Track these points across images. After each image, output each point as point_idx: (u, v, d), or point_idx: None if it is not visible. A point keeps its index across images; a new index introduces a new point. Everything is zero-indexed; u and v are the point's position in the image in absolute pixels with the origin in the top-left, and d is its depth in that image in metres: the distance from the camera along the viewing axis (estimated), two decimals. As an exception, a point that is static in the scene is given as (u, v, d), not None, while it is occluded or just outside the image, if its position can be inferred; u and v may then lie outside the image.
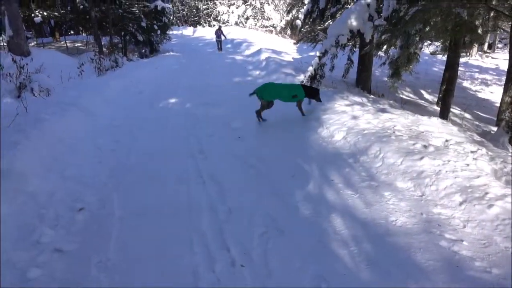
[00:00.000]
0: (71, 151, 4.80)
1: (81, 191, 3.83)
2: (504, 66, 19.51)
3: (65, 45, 17.01)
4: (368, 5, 7.79)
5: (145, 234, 3.10)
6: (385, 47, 6.26)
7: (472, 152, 4.21)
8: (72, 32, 24.12)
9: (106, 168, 4.48)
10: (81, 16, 16.42)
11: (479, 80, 14.66)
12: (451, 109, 9.35)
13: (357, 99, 7.60)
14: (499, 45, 27.51)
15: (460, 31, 6.11)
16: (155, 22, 18.15)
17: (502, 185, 3.35)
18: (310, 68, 8.07)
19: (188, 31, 35.68)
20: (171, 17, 38.04)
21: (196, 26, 41.14)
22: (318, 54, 8.05)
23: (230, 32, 29.64)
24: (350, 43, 8.80)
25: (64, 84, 8.60)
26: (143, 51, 18.75)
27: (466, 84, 14.20)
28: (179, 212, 3.42)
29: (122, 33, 16.50)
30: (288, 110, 6.68)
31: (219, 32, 20.11)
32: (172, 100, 8.36)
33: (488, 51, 25.05)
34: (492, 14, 7.67)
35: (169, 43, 22.10)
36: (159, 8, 18.23)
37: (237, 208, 3.46)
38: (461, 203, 3.20)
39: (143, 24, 16.67)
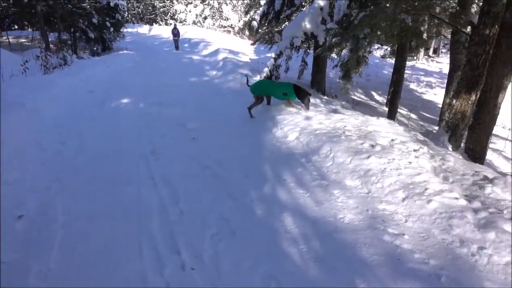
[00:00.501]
0: (12, 154, 4.49)
1: (22, 197, 3.60)
2: (447, 69, 20.94)
3: (7, 40, 15.94)
4: (321, 8, 8.01)
5: (91, 239, 2.97)
6: (335, 50, 6.45)
7: (414, 150, 4.47)
8: (15, 27, 22.66)
9: (50, 171, 4.24)
10: (25, 10, 15.41)
11: (424, 82, 15.58)
12: (399, 110, 9.86)
13: (311, 100, 7.79)
14: (443, 50, 29.42)
15: (406, 36, 6.46)
16: (107, 18, 17.50)
17: (440, 181, 3.58)
18: (266, 69, 8.17)
19: (144, 29, 34.76)
20: (126, 14, 36.79)
21: (152, 24, 40.12)
22: (273, 55, 8.16)
23: (188, 32, 29.26)
24: (305, 45, 9.00)
25: (6, 82, 8.04)
26: (95, 48, 18.00)
27: (412, 86, 15.04)
28: (128, 216, 3.31)
29: (72, 29, 15.72)
30: (244, 111, 6.70)
31: (175, 31, 19.81)
32: (125, 100, 8.08)
33: (433, 55, 26.69)
34: (435, 21, 8.16)
35: (123, 41, 21.39)
36: (112, 4, 17.60)
37: (190, 210, 3.42)
38: (403, 199, 3.38)
39: (95, 20, 16.00)
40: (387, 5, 4.85)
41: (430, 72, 17.74)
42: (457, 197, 3.24)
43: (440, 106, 12.67)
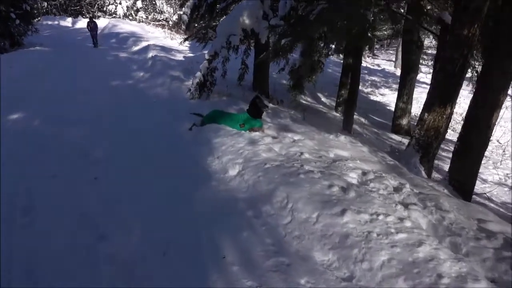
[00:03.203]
0: None
1: None
2: (386, 66, 20.92)
3: None
4: (262, 1, 6.73)
5: None
6: (286, 53, 5.22)
7: (396, 190, 3.37)
8: None
9: None
10: None
11: (369, 82, 15.04)
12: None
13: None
14: (376, 46, 29.84)
15: (364, 34, 5.38)
16: (12, 9, 14.77)
17: (452, 255, 2.44)
18: (198, 74, 6.69)
19: (67, 22, 31.08)
20: (43, 4, 32.82)
21: (77, 17, 36.22)
22: (207, 57, 6.72)
23: (117, 25, 26.52)
24: (244, 44, 7.66)
25: None
26: (2, 44, 15.16)
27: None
28: None
29: (-37, 21, 12.92)
30: (171, 129, 5.24)
31: (91, 24, 17.21)
32: (15, 116, 6.13)
33: (368, 51, 26.85)
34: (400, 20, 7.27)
35: (38, 35, 18.44)
36: (17, -8, 14.87)
37: None
38: (408, 295, 2.19)
39: (-5, 11, 13.31)
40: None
41: (373, 71, 17.35)
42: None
43: (390, 108, 12.17)
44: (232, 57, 7.43)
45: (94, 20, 17.81)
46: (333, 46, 15.13)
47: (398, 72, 17.88)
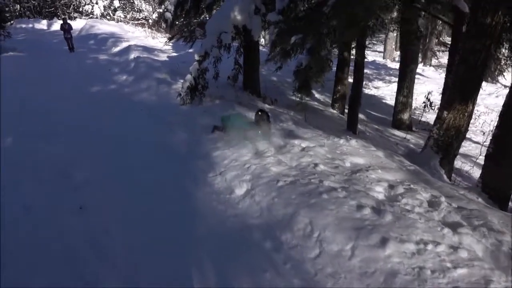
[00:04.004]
0: None
1: None
2: (375, 57, 20.58)
3: None
4: (254, -6, 6.19)
5: None
6: (296, 52, 4.68)
7: (432, 206, 2.93)
8: None
9: None
10: None
11: (362, 74, 14.63)
12: (346, 110, 8.51)
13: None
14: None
15: (369, 25, 4.91)
16: (-20, 13, 13.86)
17: (528, 295, 2.01)
18: (189, 77, 6.12)
19: (42, 24, 29.81)
20: (16, 7, 31.55)
21: (53, 19, 34.85)
22: (197, 57, 6.15)
23: (95, 26, 25.50)
24: (237, 42, 7.12)
25: None
26: (-25, 51, 14.21)
27: (350, 79, 13.99)
28: None
29: None
30: (164, 141, 4.70)
31: (65, 27, 16.03)
32: (-16, 133, 5.47)
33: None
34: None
35: (12, 39, 17.48)
36: (-18, -5, 13.92)
37: None
38: None
39: (-42, 16, 12.37)
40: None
41: (365, 63, 16.92)
42: None
43: (385, 102, 11.82)
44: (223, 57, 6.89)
45: (68, 22, 16.70)
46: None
47: (389, 63, 17.58)
